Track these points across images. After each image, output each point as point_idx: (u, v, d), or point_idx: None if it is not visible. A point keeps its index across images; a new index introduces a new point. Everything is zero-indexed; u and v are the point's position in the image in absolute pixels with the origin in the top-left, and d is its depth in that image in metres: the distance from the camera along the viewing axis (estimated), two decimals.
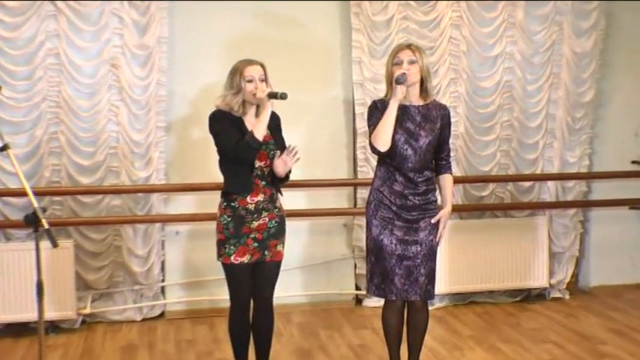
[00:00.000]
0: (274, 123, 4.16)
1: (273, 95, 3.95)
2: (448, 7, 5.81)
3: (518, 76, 5.96)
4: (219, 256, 4.10)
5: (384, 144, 3.95)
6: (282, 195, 4.25)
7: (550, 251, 6.10)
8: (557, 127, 6.06)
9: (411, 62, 4.02)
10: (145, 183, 5.47)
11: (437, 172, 4.21)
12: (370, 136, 4.04)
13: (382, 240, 4.04)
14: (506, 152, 6.03)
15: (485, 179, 5.99)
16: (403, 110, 4.03)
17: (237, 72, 4.03)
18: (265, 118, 3.97)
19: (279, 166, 4.05)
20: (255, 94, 3.97)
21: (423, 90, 4.11)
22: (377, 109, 4.08)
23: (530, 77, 5.99)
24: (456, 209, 5.72)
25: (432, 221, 4.10)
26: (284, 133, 4.26)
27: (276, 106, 4.10)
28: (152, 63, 5.40)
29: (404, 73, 3.94)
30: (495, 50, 5.91)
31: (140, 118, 5.42)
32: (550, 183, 6.14)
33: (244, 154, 3.96)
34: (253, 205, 4.05)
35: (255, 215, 4.06)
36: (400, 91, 3.94)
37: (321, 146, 5.79)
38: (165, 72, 5.44)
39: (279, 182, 4.18)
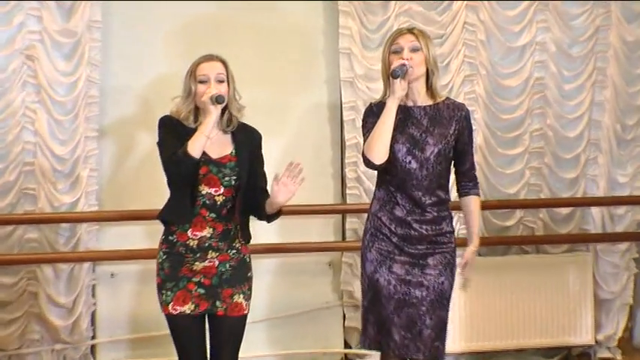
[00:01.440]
0: (249, 141, 4.00)
1: (214, 99, 3.80)
2: None
3: (552, 72, 5.78)
4: (160, 304, 3.93)
5: (379, 155, 3.84)
6: (247, 242, 4.03)
7: (596, 298, 5.89)
8: (603, 137, 5.88)
9: (414, 50, 3.88)
10: (71, 210, 5.25)
11: (459, 194, 4.07)
12: (364, 146, 3.92)
13: (378, 279, 3.93)
14: (538, 170, 5.86)
15: (511, 204, 5.83)
16: (405, 113, 3.92)
17: (189, 70, 3.92)
18: (206, 127, 3.78)
19: (279, 194, 3.77)
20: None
21: (429, 86, 3.98)
22: (373, 114, 3.97)
23: (568, 74, 5.80)
24: None
25: (461, 263, 3.96)
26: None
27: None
28: (80, 54, 5.19)
29: (404, 64, 3.80)
30: (523, 39, 5.73)
31: (64, 125, 5.20)
32: (595, 209, 5.94)
33: (172, 170, 3.81)
34: (196, 242, 3.89)
35: (199, 255, 3.88)
36: (400, 86, 3.79)
37: (299, 162, 5.56)
38: (97, 66, 5.24)
39: (266, 218, 3.97)
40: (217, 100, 3.76)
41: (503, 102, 5.77)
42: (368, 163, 3.88)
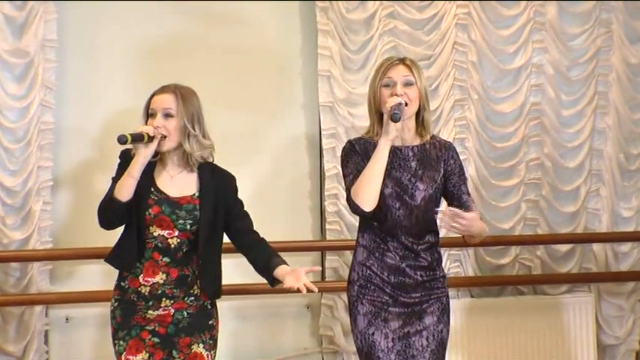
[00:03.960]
0: (222, 187, 3.92)
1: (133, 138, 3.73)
2: (452, 2, 5.65)
3: (549, 97, 5.79)
4: (115, 355, 3.90)
5: (369, 201, 3.79)
6: (210, 296, 3.94)
7: (599, 343, 5.86)
8: (605, 167, 5.90)
9: (408, 84, 3.87)
10: (22, 248, 5.24)
11: None
12: (349, 191, 3.85)
13: (373, 333, 3.90)
14: (535, 203, 5.85)
15: (506, 241, 5.81)
16: (392, 153, 3.89)
17: (147, 101, 3.92)
18: (133, 167, 3.75)
19: (286, 280, 3.77)
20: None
21: (420, 122, 3.97)
22: (354, 153, 3.95)
23: (567, 98, 5.82)
24: (467, 283, 5.76)
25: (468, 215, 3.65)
26: None
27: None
28: (33, 76, 5.21)
29: (400, 103, 3.77)
30: (518, 61, 5.75)
31: (15, 154, 5.21)
32: (597, 246, 5.92)
33: (100, 212, 3.83)
34: (147, 289, 3.84)
35: (151, 302, 3.84)
36: (394, 127, 3.76)
37: (275, 195, 5.61)
38: (52, 89, 5.26)
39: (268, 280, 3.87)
40: (119, 140, 3.65)
41: (496, 129, 5.77)
42: (356, 210, 3.82)
